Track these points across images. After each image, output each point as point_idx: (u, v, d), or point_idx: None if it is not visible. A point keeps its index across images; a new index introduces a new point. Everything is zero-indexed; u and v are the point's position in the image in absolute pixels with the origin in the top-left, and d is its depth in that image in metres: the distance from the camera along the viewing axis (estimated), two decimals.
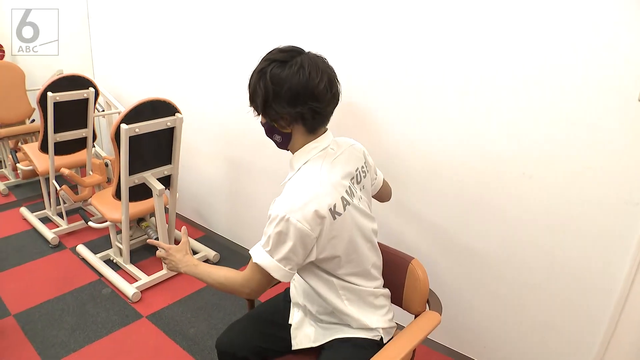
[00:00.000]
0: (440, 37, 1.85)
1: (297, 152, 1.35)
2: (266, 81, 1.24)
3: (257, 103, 1.30)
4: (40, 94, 2.93)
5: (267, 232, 1.26)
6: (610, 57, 1.50)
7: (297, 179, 1.31)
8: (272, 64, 1.25)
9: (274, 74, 1.24)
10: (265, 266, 1.26)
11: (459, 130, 1.90)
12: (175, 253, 1.50)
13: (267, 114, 1.30)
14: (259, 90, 1.27)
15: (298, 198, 1.24)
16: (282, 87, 1.23)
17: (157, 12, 3.15)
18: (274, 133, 1.35)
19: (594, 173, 1.63)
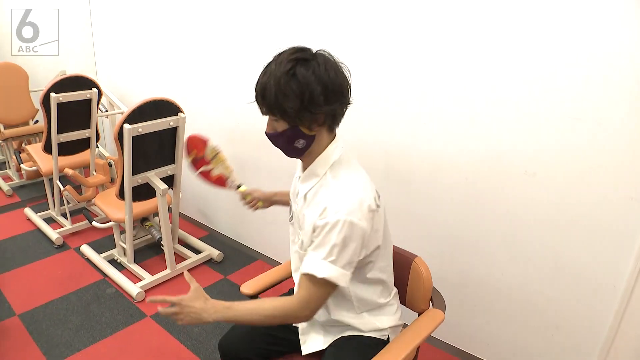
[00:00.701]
0: (442, 36, 1.85)
1: (320, 156, 1.30)
2: (299, 82, 1.16)
3: (286, 108, 1.18)
4: (43, 94, 2.94)
5: (328, 242, 1.19)
6: (614, 54, 1.49)
7: (338, 181, 1.27)
8: (297, 64, 1.17)
9: (305, 74, 1.16)
10: (333, 277, 1.19)
11: (461, 128, 1.90)
12: (191, 303, 1.25)
13: (300, 116, 1.20)
14: (291, 93, 1.17)
15: (352, 198, 1.22)
16: (316, 87, 1.17)
17: (160, 12, 3.15)
18: (298, 139, 1.25)
19: (598, 170, 1.62)
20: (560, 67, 1.61)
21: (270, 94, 1.18)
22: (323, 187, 1.28)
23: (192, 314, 1.24)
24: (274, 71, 1.18)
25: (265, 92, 1.19)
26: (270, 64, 1.22)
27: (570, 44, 1.57)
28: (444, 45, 1.86)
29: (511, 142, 1.79)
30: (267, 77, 1.20)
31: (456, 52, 1.83)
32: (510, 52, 1.70)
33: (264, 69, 1.23)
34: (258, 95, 1.23)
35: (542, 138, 1.71)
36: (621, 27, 1.47)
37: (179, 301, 1.24)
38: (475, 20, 1.75)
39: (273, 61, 1.22)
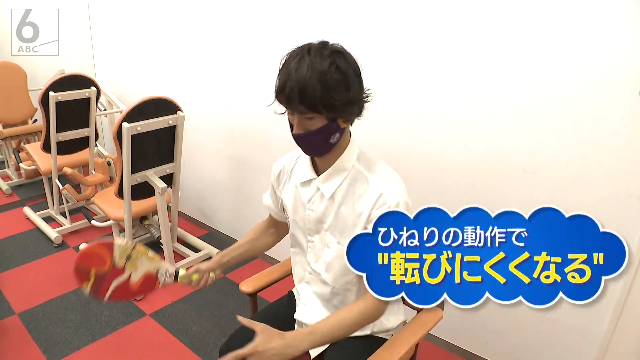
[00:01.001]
0: (442, 35, 1.85)
1: (346, 150, 1.29)
2: (343, 74, 1.14)
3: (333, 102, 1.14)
4: (42, 93, 2.94)
5: None
6: (613, 54, 1.50)
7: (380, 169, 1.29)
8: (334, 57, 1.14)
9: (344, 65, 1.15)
10: None
11: (460, 127, 1.90)
12: (268, 346, 1.14)
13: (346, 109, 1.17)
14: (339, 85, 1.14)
15: (400, 182, 1.27)
16: (355, 77, 1.18)
17: (158, 11, 3.15)
18: (334, 133, 1.21)
19: (597, 168, 1.63)
20: (559, 67, 1.61)
21: (314, 91, 1.11)
22: (358, 180, 1.27)
23: (274, 356, 1.14)
24: (313, 67, 1.11)
25: (307, 90, 1.11)
26: (301, 61, 1.13)
27: (569, 44, 1.57)
28: (443, 44, 1.86)
29: (510, 141, 1.79)
30: (304, 75, 1.11)
31: (456, 52, 1.83)
32: (510, 52, 1.70)
33: (290, 68, 1.14)
34: (294, 95, 1.13)
35: (541, 137, 1.71)
36: (620, 27, 1.47)
37: (254, 349, 1.14)
38: (474, 19, 1.76)
39: (303, 57, 1.13)
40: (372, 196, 1.22)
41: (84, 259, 1.31)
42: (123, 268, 1.34)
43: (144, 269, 1.37)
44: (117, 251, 1.32)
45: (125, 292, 1.36)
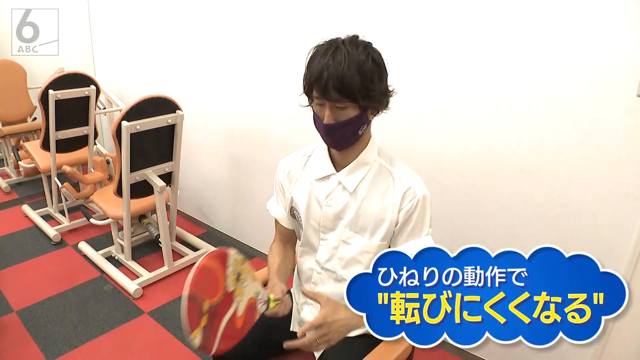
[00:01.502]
0: (440, 34, 1.85)
1: (369, 143, 1.32)
2: (379, 65, 1.18)
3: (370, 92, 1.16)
4: (41, 91, 2.94)
5: (425, 217, 1.30)
6: (610, 54, 1.50)
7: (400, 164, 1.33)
8: (368, 49, 1.18)
9: (378, 57, 1.20)
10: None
11: (458, 127, 1.91)
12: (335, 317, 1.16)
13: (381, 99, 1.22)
14: (377, 75, 1.17)
15: (418, 176, 1.32)
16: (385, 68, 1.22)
17: (158, 10, 3.15)
18: (363, 124, 1.23)
19: (594, 168, 1.63)
20: (558, 67, 1.61)
21: (353, 79, 1.12)
22: (382, 174, 1.30)
23: (341, 327, 1.18)
24: (351, 57, 1.13)
25: (346, 79, 1.12)
26: (337, 52, 1.14)
27: (568, 44, 1.58)
28: (443, 45, 1.86)
29: (509, 141, 1.80)
30: (342, 63, 1.12)
31: (455, 52, 1.84)
32: (509, 52, 1.71)
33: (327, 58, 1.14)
34: (332, 84, 1.13)
35: (540, 136, 1.72)
36: (619, 27, 1.47)
37: (323, 320, 1.16)
38: (473, 20, 1.76)
39: (339, 49, 1.14)
40: (401, 189, 1.27)
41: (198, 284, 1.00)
42: (232, 294, 1.08)
43: (249, 295, 1.11)
44: (230, 268, 1.07)
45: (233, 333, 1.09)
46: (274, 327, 1.48)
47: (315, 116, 1.24)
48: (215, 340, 1.03)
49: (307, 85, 1.20)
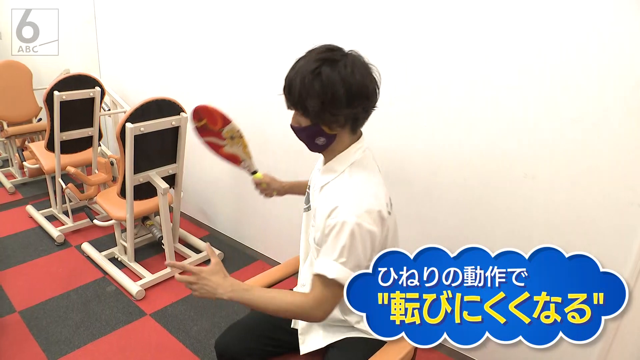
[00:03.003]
0: (442, 37, 1.85)
1: (341, 154, 1.31)
2: (322, 82, 1.17)
3: (307, 105, 1.20)
4: (47, 93, 2.95)
5: (338, 243, 1.19)
6: (612, 57, 1.50)
7: (353, 182, 1.28)
8: (324, 64, 1.17)
9: (330, 75, 1.16)
10: (342, 279, 1.17)
11: (460, 130, 1.91)
12: (210, 276, 1.25)
13: (321, 116, 1.21)
14: (314, 92, 1.18)
15: (363, 201, 1.22)
16: (339, 89, 1.17)
17: (163, 12, 3.16)
18: (319, 136, 1.27)
19: (597, 173, 1.63)
20: (559, 70, 1.61)
21: (295, 91, 1.20)
22: (338, 185, 1.29)
23: (208, 287, 1.25)
24: (302, 68, 1.19)
25: (291, 88, 1.21)
26: (299, 60, 1.22)
27: (568, 47, 1.57)
28: (443, 47, 1.86)
29: (510, 145, 1.80)
30: (294, 73, 1.21)
31: (456, 55, 1.84)
32: (511, 56, 1.71)
33: (293, 64, 1.23)
34: (285, 90, 1.24)
35: (541, 141, 1.72)
36: (619, 30, 1.47)
37: (198, 272, 1.26)
38: (475, 23, 1.76)
39: (303, 57, 1.22)
40: (332, 204, 1.23)
41: (204, 110, 1.59)
42: (224, 138, 1.64)
43: (236, 151, 1.66)
44: (228, 127, 1.63)
45: (216, 149, 1.66)
46: (277, 325, 1.52)
47: None
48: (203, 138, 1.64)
49: None
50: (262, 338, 1.52)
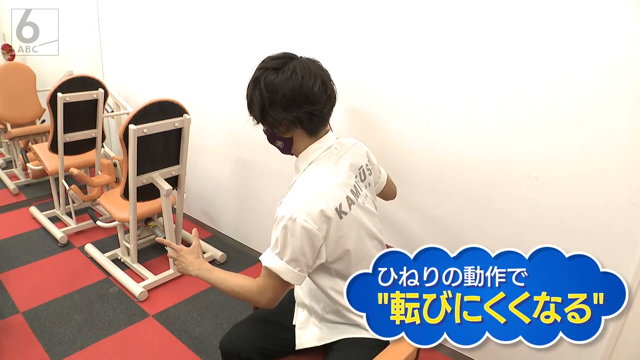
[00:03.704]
0: (445, 38, 1.86)
1: (301, 154, 1.37)
2: (261, 89, 1.28)
3: (255, 112, 1.33)
4: (50, 94, 2.96)
5: (274, 235, 1.28)
6: (616, 60, 1.50)
7: (303, 180, 1.33)
8: (265, 72, 1.28)
9: (268, 82, 1.27)
10: (276, 269, 1.27)
11: (464, 132, 1.91)
12: (186, 255, 1.47)
13: (266, 121, 1.33)
14: (255, 99, 1.30)
15: (304, 198, 1.26)
16: (276, 94, 1.26)
17: (166, 14, 3.17)
18: (276, 139, 1.38)
19: (601, 176, 1.62)
20: (563, 74, 1.61)
21: (246, 98, 1.35)
22: (296, 183, 1.36)
23: (183, 263, 1.46)
24: (252, 79, 1.33)
25: (246, 95, 1.36)
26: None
27: (573, 49, 1.57)
28: (448, 49, 1.86)
29: (514, 148, 1.79)
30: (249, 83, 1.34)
31: (460, 57, 1.84)
32: (514, 58, 1.71)
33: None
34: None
35: (545, 144, 1.72)
36: (624, 32, 1.47)
37: (179, 249, 1.49)
38: (480, 25, 1.76)
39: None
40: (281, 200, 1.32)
41: None
42: None
43: None
44: None
45: None
46: (280, 323, 1.55)
47: None
48: None
49: None
50: (267, 336, 1.53)
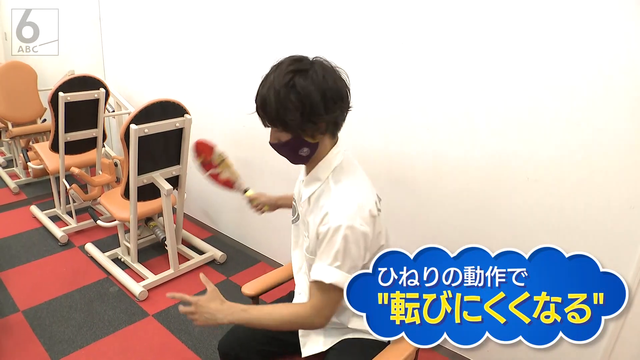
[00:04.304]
0: (445, 40, 1.86)
1: (322, 161, 1.31)
2: (298, 93, 1.16)
3: (287, 120, 1.19)
4: (51, 94, 2.97)
5: (332, 248, 1.21)
6: (615, 62, 1.51)
7: (340, 187, 1.28)
8: (295, 75, 1.17)
9: (304, 85, 1.16)
10: (340, 282, 1.19)
11: (464, 135, 1.91)
12: (207, 304, 1.28)
13: (302, 127, 1.21)
14: (291, 105, 1.17)
15: (353, 203, 1.23)
16: (316, 96, 1.17)
17: (167, 15, 3.18)
18: (302, 147, 1.26)
19: (599, 178, 1.63)
20: (563, 76, 1.62)
21: (271, 108, 1.18)
22: (325, 192, 1.30)
23: (207, 314, 1.27)
24: (273, 84, 1.18)
25: (266, 106, 1.19)
26: (268, 76, 1.21)
27: (574, 52, 1.58)
28: (446, 52, 1.87)
29: (514, 149, 1.80)
30: (266, 89, 1.19)
31: (460, 59, 1.84)
32: (513, 61, 1.71)
33: (262, 81, 1.23)
34: (259, 109, 1.24)
35: (545, 145, 1.72)
36: (622, 34, 1.48)
37: (195, 301, 1.28)
38: (479, 28, 1.77)
39: (271, 73, 1.21)
40: (322, 212, 1.25)
41: (200, 145, 1.82)
42: (217, 165, 1.83)
43: (227, 175, 1.83)
44: (215, 154, 1.82)
45: (215, 179, 1.84)
46: None
47: None
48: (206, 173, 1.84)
49: None
50: (265, 338, 1.52)
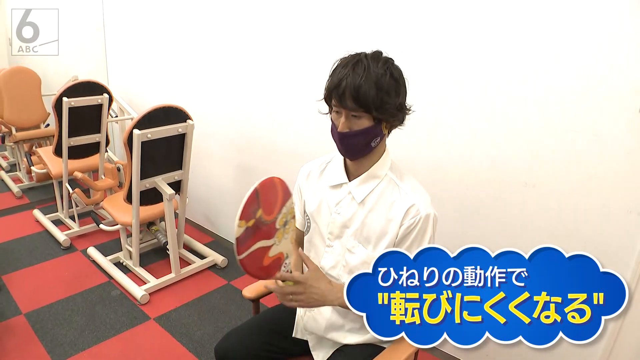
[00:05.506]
0: (442, 45, 1.88)
1: (381, 158, 1.34)
2: (397, 80, 1.23)
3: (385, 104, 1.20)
4: (55, 99, 2.99)
5: (425, 235, 1.29)
6: (613, 68, 1.53)
7: (410, 181, 1.35)
8: (390, 64, 1.23)
9: (400, 73, 1.25)
10: None
11: (462, 140, 1.93)
12: (315, 283, 1.21)
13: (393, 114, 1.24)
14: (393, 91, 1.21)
15: (427, 193, 1.34)
16: (403, 85, 1.26)
17: (171, 21, 3.21)
18: (376, 137, 1.26)
19: (597, 183, 1.65)
20: (559, 82, 1.64)
21: (368, 90, 1.18)
22: (389, 188, 1.32)
23: (316, 295, 1.22)
24: (369, 70, 1.19)
25: (362, 89, 1.18)
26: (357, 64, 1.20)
27: (570, 59, 1.60)
28: (444, 57, 1.89)
29: (512, 154, 1.82)
30: (360, 74, 1.18)
31: (458, 66, 1.86)
32: (511, 66, 1.74)
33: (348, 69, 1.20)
34: (348, 93, 1.19)
35: (542, 151, 1.74)
36: (621, 42, 1.50)
37: (304, 280, 1.21)
38: (477, 34, 1.79)
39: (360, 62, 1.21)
40: (405, 205, 1.28)
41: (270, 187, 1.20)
42: (274, 232, 1.18)
43: (282, 248, 1.21)
44: (285, 209, 1.20)
45: (255, 262, 1.15)
46: (277, 332, 1.52)
47: (332, 124, 1.29)
48: (247, 251, 1.13)
49: (327, 93, 1.26)
50: (262, 344, 1.51)
